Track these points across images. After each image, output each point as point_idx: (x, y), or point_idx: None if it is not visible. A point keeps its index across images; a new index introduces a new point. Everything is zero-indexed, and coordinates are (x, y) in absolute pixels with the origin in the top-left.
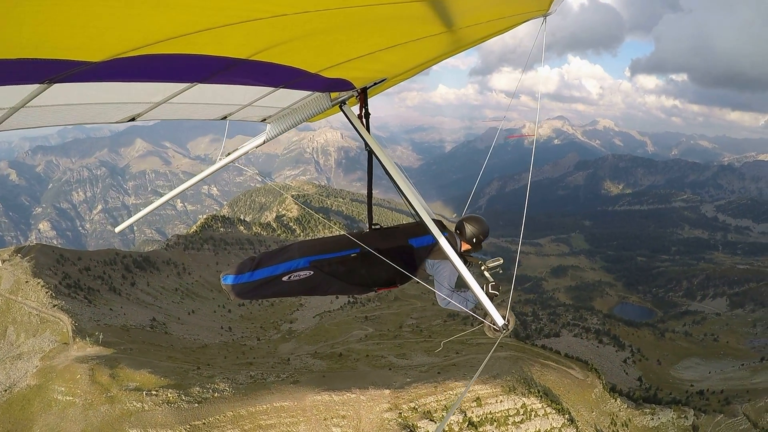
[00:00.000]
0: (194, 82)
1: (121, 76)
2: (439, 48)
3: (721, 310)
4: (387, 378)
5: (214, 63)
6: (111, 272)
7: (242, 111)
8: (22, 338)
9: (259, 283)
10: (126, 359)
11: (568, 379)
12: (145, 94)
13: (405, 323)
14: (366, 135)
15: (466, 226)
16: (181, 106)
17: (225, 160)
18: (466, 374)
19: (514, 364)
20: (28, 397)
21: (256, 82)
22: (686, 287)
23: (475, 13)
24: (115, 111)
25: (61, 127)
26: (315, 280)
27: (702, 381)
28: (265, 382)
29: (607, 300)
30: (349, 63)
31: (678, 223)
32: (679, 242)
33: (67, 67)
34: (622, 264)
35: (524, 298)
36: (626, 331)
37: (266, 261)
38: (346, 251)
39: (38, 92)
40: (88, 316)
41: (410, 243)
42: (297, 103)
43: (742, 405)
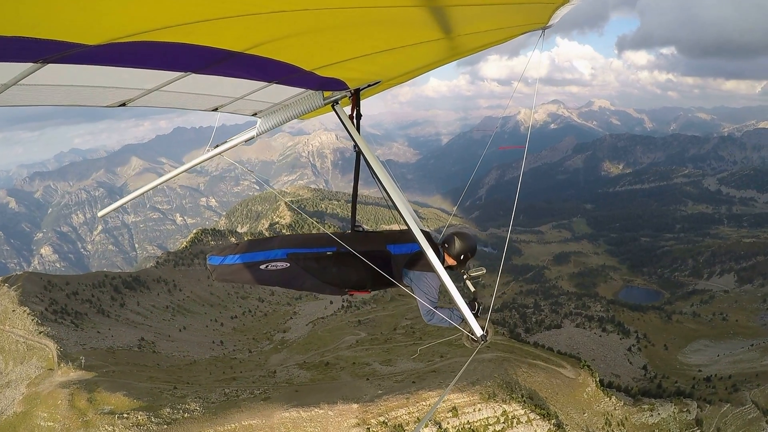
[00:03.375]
0: (188, 72)
1: (115, 60)
2: (435, 54)
3: (730, 287)
4: (359, 390)
5: (209, 54)
6: (100, 295)
7: (234, 104)
8: (10, 366)
9: (237, 267)
10: (105, 382)
11: (558, 379)
12: (138, 80)
13: (399, 324)
14: (356, 136)
15: (456, 241)
16: (173, 94)
17: (213, 152)
18: (442, 382)
19: (498, 366)
20: (14, 425)
21: (250, 75)
22: (692, 265)
23: (475, 22)
24: (107, 95)
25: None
26: (290, 273)
27: (710, 365)
28: (237, 400)
29: (612, 285)
30: (344, 63)
31: (681, 199)
32: (683, 219)
33: (63, 49)
34: (626, 246)
35: (526, 289)
36: (631, 317)
37: (248, 248)
38: (323, 248)
39: (31, 71)
40: (74, 341)
41: (388, 248)
42: (289, 99)
43: (751, 391)
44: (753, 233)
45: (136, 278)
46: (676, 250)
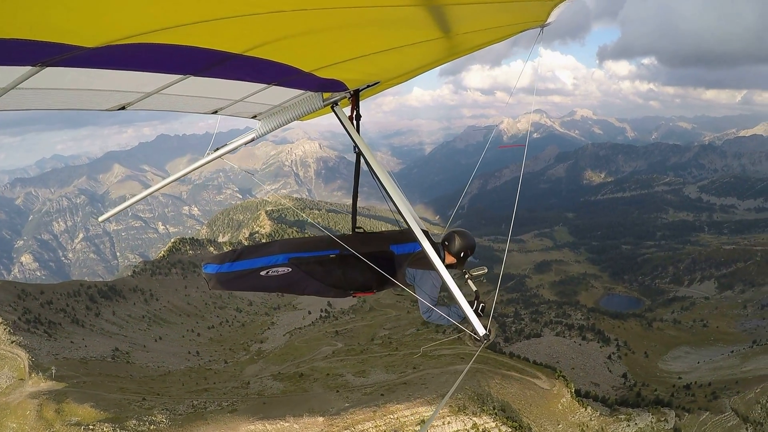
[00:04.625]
0: (187, 75)
1: (114, 63)
2: (434, 54)
3: (710, 294)
4: (326, 403)
5: (208, 56)
6: (75, 304)
7: (233, 106)
8: None
9: (237, 275)
10: (75, 393)
11: (532, 390)
12: (138, 83)
13: (377, 335)
14: (356, 137)
15: (456, 239)
16: (173, 97)
17: (213, 155)
18: (411, 395)
19: (471, 378)
20: None
21: (249, 77)
22: (673, 273)
23: (473, 21)
24: (106, 98)
25: (40, 158)
26: (292, 278)
27: (690, 372)
28: (204, 412)
29: (593, 293)
30: (343, 64)
31: (662, 207)
32: (664, 227)
33: (61, 51)
34: (607, 254)
35: (507, 298)
36: (612, 325)
37: (247, 254)
38: (326, 251)
39: (30, 74)
40: (46, 351)
41: (391, 249)
42: (289, 101)
43: (731, 398)
44: (733, 240)
45: (112, 287)
46: (656, 257)
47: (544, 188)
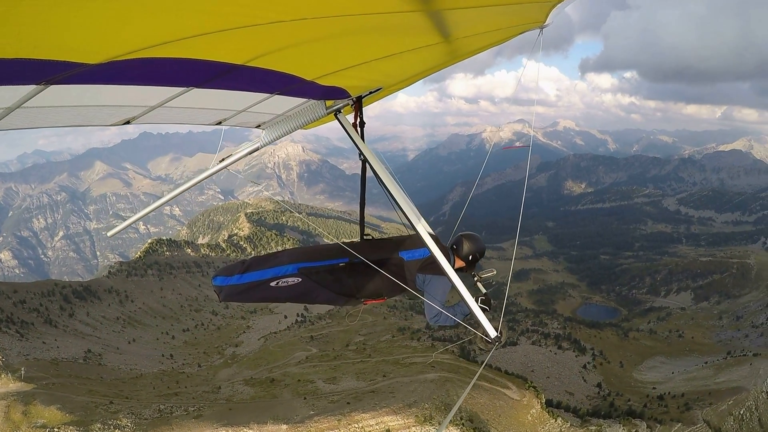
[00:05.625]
0: (190, 87)
1: (117, 79)
2: (435, 58)
3: (686, 305)
4: (292, 410)
5: (210, 68)
6: (48, 304)
7: (237, 117)
8: None
9: (247, 287)
10: (43, 395)
11: (501, 400)
12: (141, 97)
13: (352, 341)
14: (361, 144)
15: (465, 242)
16: (176, 110)
17: (218, 166)
18: (377, 404)
19: (440, 387)
20: None
21: (252, 88)
22: (650, 283)
23: (472, 24)
24: (111, 114)
25: (21, 153)
26: (303, 287)
27: (665, 382)
28: (170, 417)
29: (570, 302)
30: (344, 71)
31: (641, 218)
32: (642, 238)
33: (65, 69)
34: (585, 264)
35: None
36: (588, 334)
37: (256, 265)
38: (335, 260)
39: (34, 93)
40: (17, 351)
41: (401, 255)
42: (292, 110)
43: (703, 410)
44: (710, 252)
45: (87, 288)
46: (634, 268)
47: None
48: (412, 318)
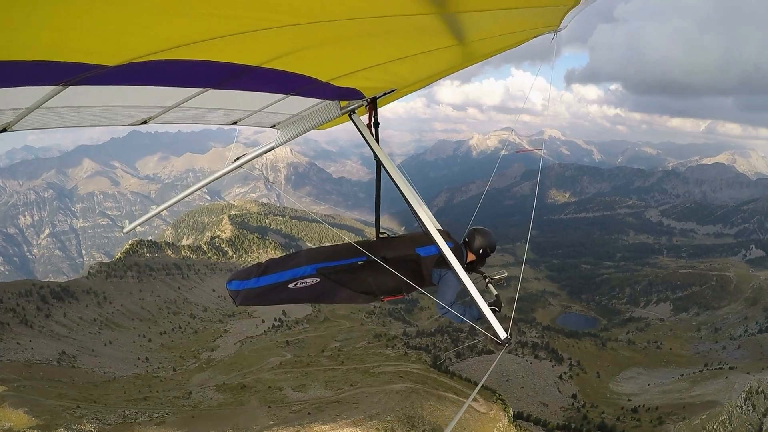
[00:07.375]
0: (206, 88)
1: (135, 80)
2: (449, 61)
3: (665, 316)
4: (253, 419)
5: (226, 69)
6: (25, 304)
7: (252, 117)
8: None
9: (264, 289)
10: (12, 397)
11: (467, 413)
12: (158, 98)
13: (328, 346)
14: (374, 145)
15: (476, 237)
16: (193, 110)
17: (233, 165)
18: (338, 415)
19: (405, 399)
20: None
21: (268, 89)
22: (630, 294)
23: (487, 27)
24: (129, 114)
25: (10, 148)
26: (321, 288)
27: (640, 395)
28: (134, 423)
29: (550, 310)
30: (359, 73)
31: (623, 229)
32: (624, 248)
33: (83, 71)
34: (567, 272)
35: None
36: (566, 343)
37: (273, 267)
38: (353, 259)
39: (54, 94)
40: None
41: (417, 252)
42: (307, 110)
43: (676, 424)
44: (690, 263)
45: (65, 288)
46: (615, 278)
47: (509, 205)
48: (390, 324)
